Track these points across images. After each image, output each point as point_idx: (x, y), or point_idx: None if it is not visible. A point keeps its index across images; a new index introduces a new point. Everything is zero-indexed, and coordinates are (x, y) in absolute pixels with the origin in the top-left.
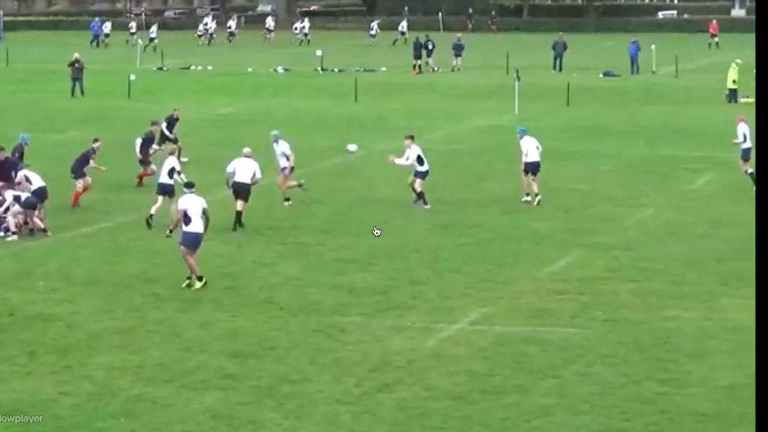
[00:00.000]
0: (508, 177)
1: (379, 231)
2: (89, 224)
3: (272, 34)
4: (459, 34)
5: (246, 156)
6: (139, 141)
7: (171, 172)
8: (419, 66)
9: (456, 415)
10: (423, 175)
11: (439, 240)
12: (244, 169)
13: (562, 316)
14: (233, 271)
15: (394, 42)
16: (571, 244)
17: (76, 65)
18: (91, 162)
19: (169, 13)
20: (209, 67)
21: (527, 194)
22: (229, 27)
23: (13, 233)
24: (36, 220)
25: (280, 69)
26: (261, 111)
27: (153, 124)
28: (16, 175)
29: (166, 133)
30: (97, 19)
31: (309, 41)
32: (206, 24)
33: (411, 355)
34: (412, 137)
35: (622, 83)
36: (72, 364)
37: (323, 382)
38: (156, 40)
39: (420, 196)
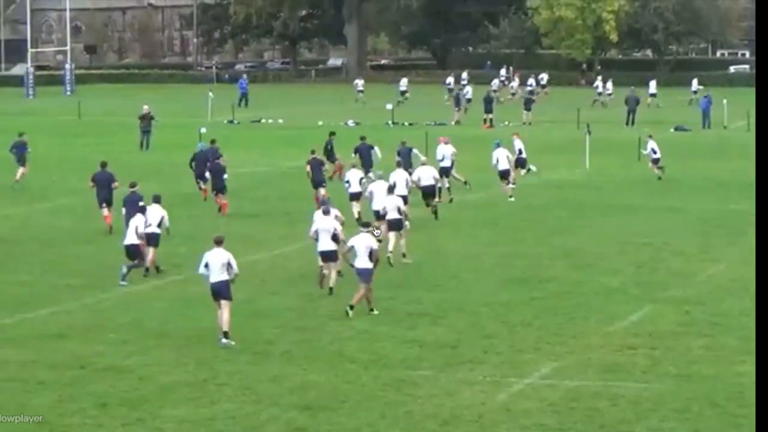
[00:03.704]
0: (578, 231)
1: (379, 231)
2: (160, 277)
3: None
4: (530, 88)
5: (425, 164)
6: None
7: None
8: (490, 120)
9: None
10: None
11: (510, 294)
12: (427, 174)
13: (634, 370)
14: (305, 324)
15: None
16: (643, 298)
17: (146, 118)
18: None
19: (239, 66)
20: (280, 120)
21: (510, 196)
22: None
23: None
24: None
25: (350, 122)
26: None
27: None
28: None
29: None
30: (245, 76)
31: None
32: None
33: (481, 409)
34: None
35: (693, 137)
36: (143, 416)
37: None
38: (407, 94)
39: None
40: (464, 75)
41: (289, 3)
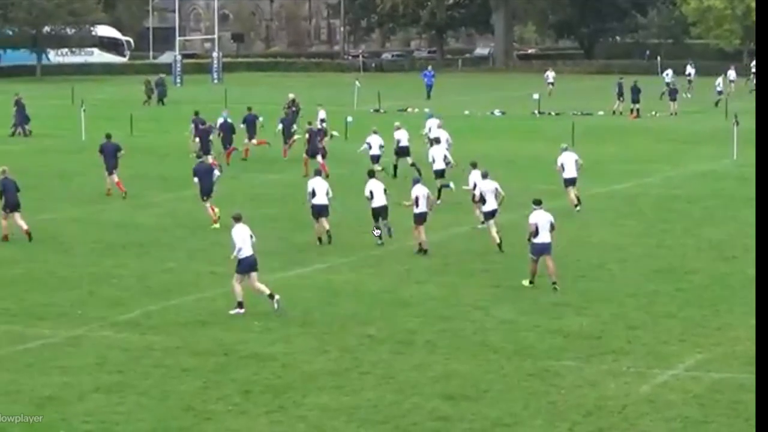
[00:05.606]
0: (725, 223)
1: (378, 231)
2: (305, 265)
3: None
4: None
5: (568, 151)
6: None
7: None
8: (637, 110)
9: None
10: None
11: (656, 285)
12: (570, 161)
13: None
14: (448, 314)
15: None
16: None
17: (292, 107)
18: None
19: (386, 56)
20: (426, 109)
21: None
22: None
23: None
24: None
25: (497, 112)
26: (476, 153)
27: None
28: None
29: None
30: (429, 67)
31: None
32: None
33: (625, 401)
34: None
35: None
36: (286, 404)
37: (537, 426)
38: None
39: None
40: (689, 68)
41: None
